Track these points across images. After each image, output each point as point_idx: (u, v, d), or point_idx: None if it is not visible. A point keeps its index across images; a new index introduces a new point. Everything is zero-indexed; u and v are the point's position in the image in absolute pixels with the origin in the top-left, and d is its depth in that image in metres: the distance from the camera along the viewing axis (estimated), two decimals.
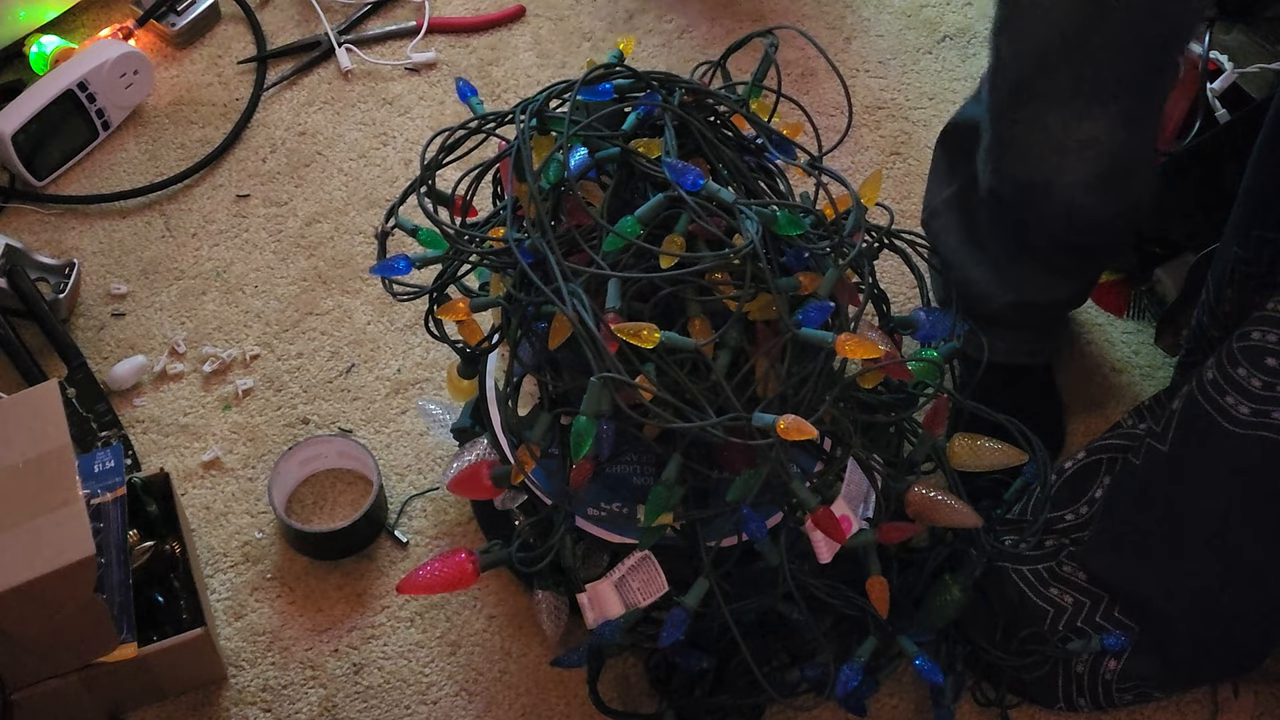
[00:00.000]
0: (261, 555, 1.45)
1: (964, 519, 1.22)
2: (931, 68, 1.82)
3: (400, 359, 1.58)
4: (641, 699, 1.36)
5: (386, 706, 1.36)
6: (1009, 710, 1.36)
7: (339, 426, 1.53)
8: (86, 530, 1.18)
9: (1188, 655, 1.31)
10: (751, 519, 1.16)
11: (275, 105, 1.79)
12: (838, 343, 1.07)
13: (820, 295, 1.11)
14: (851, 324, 1.14)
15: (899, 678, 1.36)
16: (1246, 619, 1.28)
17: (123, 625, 1.27)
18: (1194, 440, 1.20)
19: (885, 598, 1.21)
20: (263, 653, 1.39)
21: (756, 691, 1.32)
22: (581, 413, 1.05)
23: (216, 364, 1.57)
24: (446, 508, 1.48)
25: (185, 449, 1.51)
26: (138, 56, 1.73)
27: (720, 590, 1.18)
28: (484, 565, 1.21)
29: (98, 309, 1.61)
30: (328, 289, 1.63)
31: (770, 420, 1.04)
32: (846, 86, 1.44)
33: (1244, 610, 1.27)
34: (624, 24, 1.86)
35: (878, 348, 1.08)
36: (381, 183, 1.72)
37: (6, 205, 1.68)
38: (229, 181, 1.72)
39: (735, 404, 1.08)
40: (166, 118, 1.78)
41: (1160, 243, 1.63)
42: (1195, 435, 1.19)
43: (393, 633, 1.40)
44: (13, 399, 1.28)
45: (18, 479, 1.20)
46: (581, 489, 1.17)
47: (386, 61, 1.82)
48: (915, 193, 1.71)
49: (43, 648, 1.23)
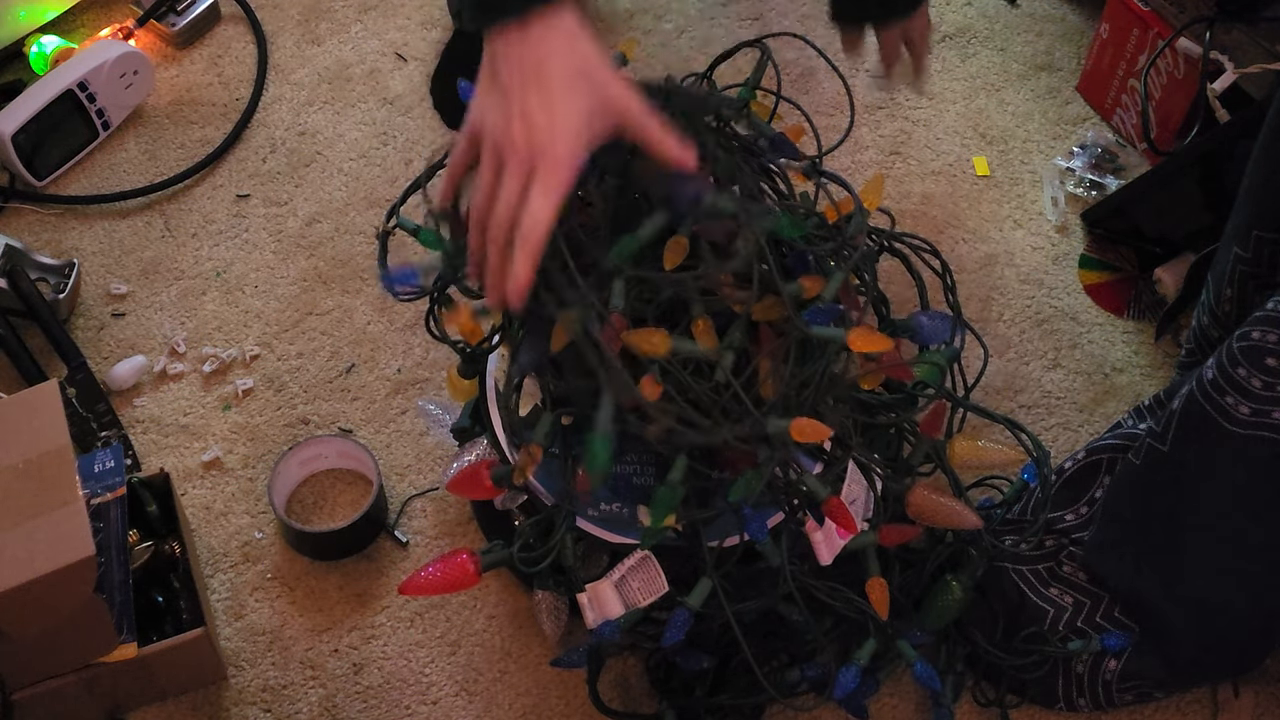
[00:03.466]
0: (261, 555, 1.45)
1: (965, 520, 1.22)
2: (932, 67, 1.82)
3: (400, 359, 1.58)
4: (641, 699, 1.36)
5: (387, 706, 1.36)
6: (1009, 710, 1.35)
7: (339, 426, 1.53)
8: (86, 530, 1.17)
9: (1188, 655, 1.30)
10: (753, 519, 1.16)
11: (275, 106, 1.78)
12: (849, 338, 1.08)
13: (825, 298, 1.12)
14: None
15: (899, 678, 1.36)
16: (1247, 619, 1.28)
17: (123, 625, 1.27)
18: (1194, 440, 1.19)
19: (885, 599, 1.21)
20: (263, 652, 1.39)
21: (757, 691, 1.31)
22: (596, 431, 1.05)
23: (216, 364, 1.56)
24: (447, 508, 1.47)
25: (185, 449, 1.51)
26: (138, 56, 1.73)
27: (723, 590, 1.18)
28: (485, 565, 1.21)
29: (98, 309, 1.61)
30: (328, 289, 1.63)
31: (784, 425, 1.04)
32: (849, 86, 1.44)
33: (1244, 610, 1.26)
34: (624, 24, 1.86)
35: (888, 340, 1.08)
36: (382, 182, 1.72)
37: (6, 205, 1.68)
38: (229, 181, 1.72)
39: (750, 407, 1.08)
40: (167, 117, 1.77)
41: (1160, 243, 1.63)
42: (1195, 435, 1.19)
43: (393, 633, 1.40)
44: (12, 399, 1.28)
45: (17, 479, 1.20)
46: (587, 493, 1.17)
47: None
48: (915, 192, 1.71)
49: (43, 647, 1.23)
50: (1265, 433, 1.12)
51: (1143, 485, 1.27)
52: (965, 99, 1.80)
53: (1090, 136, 1.75)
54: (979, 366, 1.49)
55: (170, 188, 1.71)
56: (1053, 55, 1.83)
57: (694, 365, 1.10)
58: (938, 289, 1.38)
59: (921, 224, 1.69)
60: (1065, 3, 1.87)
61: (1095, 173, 1.72)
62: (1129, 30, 1.65)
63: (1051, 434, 1.53)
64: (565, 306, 1.07)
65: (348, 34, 1.85)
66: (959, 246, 1.67)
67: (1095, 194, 1.71)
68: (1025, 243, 1.68)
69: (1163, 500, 1.25)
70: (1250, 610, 1.27)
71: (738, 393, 1.08)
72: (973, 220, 1.70)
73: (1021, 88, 1.82)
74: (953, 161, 1.74)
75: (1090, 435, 1.53)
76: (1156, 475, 1.25)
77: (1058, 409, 1.56)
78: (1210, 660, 1.32)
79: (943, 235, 1.68)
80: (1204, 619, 1.27)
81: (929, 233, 1.68)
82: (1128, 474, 1.29)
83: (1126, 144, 1.74)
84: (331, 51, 1.84)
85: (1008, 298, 1.64)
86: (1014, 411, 1.54)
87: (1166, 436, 1.22)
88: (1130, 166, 1.73)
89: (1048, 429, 1.54)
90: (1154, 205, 1.60)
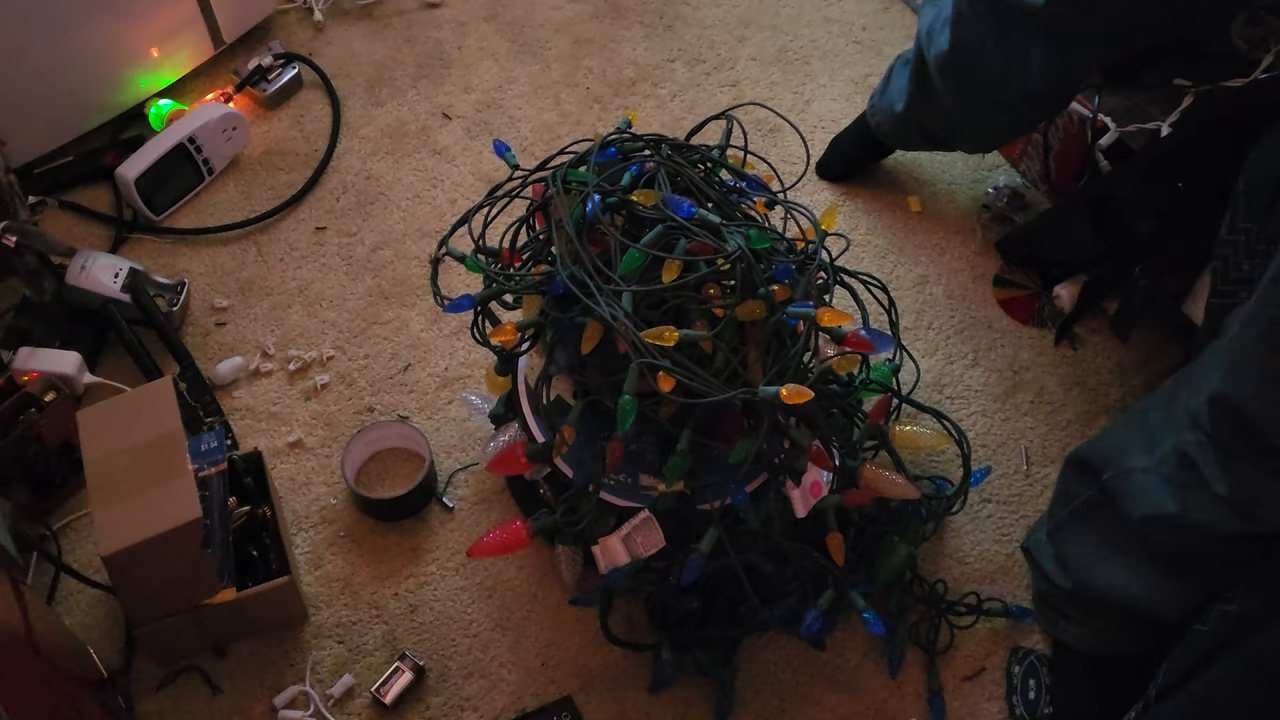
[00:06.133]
0: (335, 518, 1.44)
1: (905, 491, 1.22)
2: None
3: (447, 359, 1.57)
4: (643, 632, 1.35)
5: (436, 639, 1.35)
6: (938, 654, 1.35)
7: (398, 414, 1.52)
8: (194, 497, 1.17)
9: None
10: (737, 490, 1.16)
11: (346, 156, 1.77)
12: (819, 314, 1.08)
13: (797, 297, 1.12)
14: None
15: (855, 618, 1.35)
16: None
17: (224, 574, 1.26)
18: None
19: (841, 549, 1.21)
20: (336, 595, 1.38)
21: (735, 626, 1.31)
22: (625, 392, 1.06)
23: (299, 364, 1.55)
24: (485, 479, 1.46)
25: (274, 432, 1.50)
26: (236, 116, 1.72)
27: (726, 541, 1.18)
28: (535, 531, 1.21)
29: (204, 319, 1.60)
30: (389, 303, 1.62)
31: (774, 390, 1.05)
32: (805, 140, 1.44)
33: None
34: (627, 89, 1.85)
35: (850, 316, 1.10)
36: (432, 217, 1.71)
37: (130, 236, 1.67)
38: (309, 216, 1.71)
39: (747, 379, 1.09)
40: (259, 165, 1.76)
41: (1058, 265, 1.62)
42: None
43: (441, 580, 1.39)
44: (136, 392, 1.27)
45: (139, 456, 1.19)
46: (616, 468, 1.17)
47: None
48: (863, 225, 1.70)
49: (159, 591, 1.22)
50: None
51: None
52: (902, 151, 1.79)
53: (1003, 180, 1.74)
54: (913, 368, 1.49)
55: (262, 221, 1.70)
56: None
57: (698, 356, 1.10)
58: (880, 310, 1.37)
59: (867, 250, 1.68)
60: None
61: (1007, 209, 1.71)
62: None
63: (971, 420, 1.53)
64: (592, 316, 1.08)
65: (404, 98, 1.84)
66: (898, 269, 1.66)
67: (1006, 226, 1.70)
68: (950, 266, 1.67)
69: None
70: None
71: (736, 369, 1.09)
72: (909, 248, 1.69)
73: None
74: (893, 201, 1.74)
75: (1003, 421, 1.52)
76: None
77: (976, 400, 1.55)
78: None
79: (885, 260, 1.67)
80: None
81: (873, 258, 1.67)
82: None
83: (1032, 186, 1.73)
84: (391, 112, 1.83)
85: (936, 310, 1.63)
86: (941, 402, 1.54)
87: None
88: (1034, 205, 1.72)
89: (968, 415, 1.53)
90: (1053, 236, 1.60)
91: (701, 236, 1.12)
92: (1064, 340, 1.60)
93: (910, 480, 1.24)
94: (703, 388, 1.06)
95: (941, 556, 1.41)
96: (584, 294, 1.11)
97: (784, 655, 1.34)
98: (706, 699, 1.31)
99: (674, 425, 1.15)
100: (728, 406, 1.10)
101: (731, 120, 1.29)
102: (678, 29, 1.92)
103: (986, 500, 1.46)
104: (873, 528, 1.32)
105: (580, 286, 1.11)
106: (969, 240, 1.70)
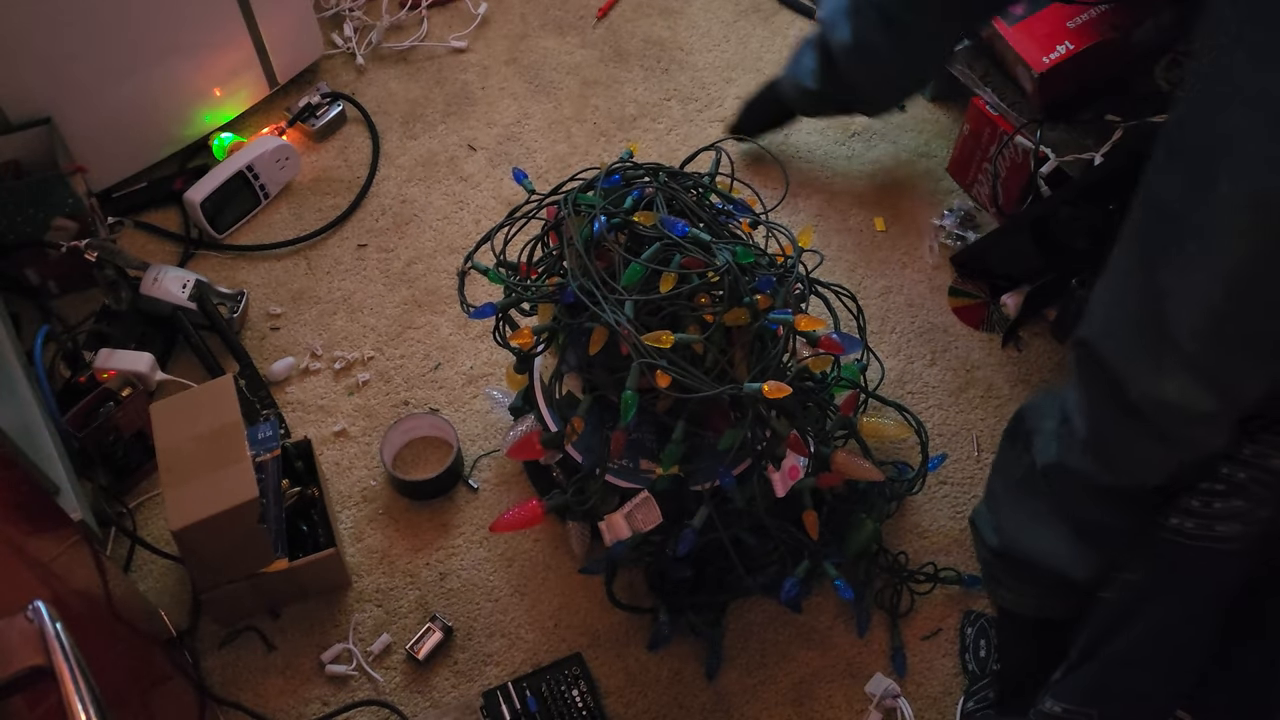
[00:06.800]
0: (375, 497, 1.44)
1: (871, 474, 1.22)
2: (844, 154, 1.81)
3: (472, 360, 1.57)
4: (642, 597, 1.35)
5: (462, 603, 1.35)
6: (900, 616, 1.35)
7: (430, 407, 1.52)
8: (252, 479, 1.17)
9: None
10: (725, 473, 1.16)
11: (384, 182, 1.78)
12: (796, 320, 1.08)
13: (777, 305, 1.12)
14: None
15: (828, 585, 1.35)
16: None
17: (278, 546, 1.27)
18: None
19: (816, 525, 1.21)
20: (376, 565, 1.38)
21: (723, 592, 1.31)
22: (627, 388, 1.07)
23: (343, 363, 1.56)
24: (505, 463, 1.47)
25: (321, 423, 1.50)
26: (288, 147, 1.72)
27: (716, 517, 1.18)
28: (550, 509, 1.21)
29: (260, 324, 1.60)
30: (421, 310, 1.62)
31: (757, 386, 1.05)
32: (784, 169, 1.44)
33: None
34: (629, 124, 1.85)
35: (823, 322, 1.10)
36: (459, 235, 1.71)
37: (196, 252, 1.67)
38: (353, 235, 1.71)
39: (735, 376, 1.09)
40: (308, 190, 1.76)
41: (1005, 278, 1.62)
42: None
43: (467, 551, 1.39)
44: (201, 388, 1.28)
45: (204, 443, 1.19)
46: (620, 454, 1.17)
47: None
48: (834, 243, 1.70)
49: (221, 562, 1.22)
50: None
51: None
52: (869, 177, 1.79)
53: (957, 203, 1.74)
54: (879, 368, 1.49)
55: (311, 239, 1.70)
56: (930, 146, 1.83)
57: (691, 356, 1.10)
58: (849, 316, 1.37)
59: (839, 264, 1.68)
60: (939, 108, 1.86)
61: (960, 229, 1.71)
62: (983, 129, 1.64)
63: (929, 412, 1.53)
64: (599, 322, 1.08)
65: (435, 131, 1.84)
66: (865, 280, 1.66)
67: (960, 243, 1.70)
68: (911, 278, 1.67)
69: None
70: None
71: (724, 367, 1.09)
72: (874, 262, 1.69)
73: (909, 169, 1.81)
74: (860, 221, 1.74)
75: (957, 413, 1.52)
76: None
77: (933, 395, 1.55)
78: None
79: (854, 273, 1.67)
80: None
81: (844, 271, 1.67)
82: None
83: (982, 208, 1.73)
84: (424, 144, 1.83)
85: (899, 316, 1.63)
86: (903, 397, 1.54)
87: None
88: (984, 224, 1.72)
89: (927, 408, 1.53)
90: (1001, 251, 1.60)
91: (694, 252, 1.12)
92: (1010, 343, 1.60)
93: (876, 465, 1.24)
94: (695, 384, 1.07)
95: (903, 531, 1.41)
96: (591, 302, 1.11)
97: (766, 617, 1.34)
98: (698, 655, 1.31)
99: (670, 417, 1.15)
100: (717, 400, 1.10)
101: (720, 151, 1.30)
102: (673, 72, 1.92)
103: (943, 483, 1.46)
104: (843, 506, 1.32)
105: (588, 296, 1.12)
106: (927, 255, 1.70)
